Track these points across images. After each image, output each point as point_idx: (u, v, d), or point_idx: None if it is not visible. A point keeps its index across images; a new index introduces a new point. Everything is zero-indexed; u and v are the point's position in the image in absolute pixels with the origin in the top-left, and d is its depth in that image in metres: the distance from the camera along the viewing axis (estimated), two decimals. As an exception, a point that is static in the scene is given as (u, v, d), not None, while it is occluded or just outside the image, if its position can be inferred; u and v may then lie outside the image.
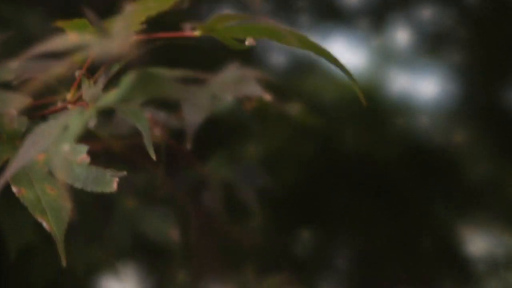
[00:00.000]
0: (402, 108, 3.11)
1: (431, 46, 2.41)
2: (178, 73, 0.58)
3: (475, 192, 2.40)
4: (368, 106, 2.07)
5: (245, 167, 0.69)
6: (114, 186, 0.47)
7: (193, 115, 0.58)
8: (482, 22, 2.08)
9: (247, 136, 1.33)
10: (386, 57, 3.21)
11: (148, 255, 1.13)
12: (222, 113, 0.65)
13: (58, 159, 0.37)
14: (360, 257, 1.70)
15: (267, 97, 0.62)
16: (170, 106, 0.63)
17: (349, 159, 2.02)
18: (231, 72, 0.64)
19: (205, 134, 0.62)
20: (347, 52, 3.17)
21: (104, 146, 0.57)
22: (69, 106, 0.46)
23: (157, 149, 0.56)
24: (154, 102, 0.61)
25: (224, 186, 0.65)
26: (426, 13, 2.26)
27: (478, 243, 2.06)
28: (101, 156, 0.52)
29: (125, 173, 0.46)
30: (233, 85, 0.60)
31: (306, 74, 2.06)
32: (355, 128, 2.16)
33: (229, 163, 0.69)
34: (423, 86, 3.00)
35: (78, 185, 0.45)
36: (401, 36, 2.58)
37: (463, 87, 2.55)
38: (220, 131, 1.26)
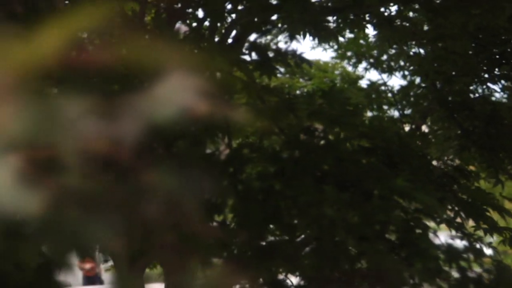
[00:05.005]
0: (371, 101, 3.18)
1: (398, 40, 2.46)
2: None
3: (441, 183, 2.47)
4: (338, 100, 2.11)
5: (189, 175, 0.72)
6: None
7: (131, 125, 0.61)
8: (439, 14, 2.14)
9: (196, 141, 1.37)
10: (356, 52, 3.27)
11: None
12: (164, 122, 0.68)
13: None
14: (325, 249, 1.75)
15: (203, 108, 0.65)
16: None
17: (317, 151, 2.06)
18: (172, 81, 0.67)
19: (150, 141, 0.66)
20: (318, 47, 3.21)
21: (48, 154, 0.59)
22: None
23: (101, 158, 0.61)
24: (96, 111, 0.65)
25: (167, 194, 0.69)
26: (392, 9, 2.32)
27: (440, 234, 2.13)
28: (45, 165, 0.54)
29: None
30: (172, 95, 0.64)
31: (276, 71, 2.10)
32: (325, 121, 2.20)
33: (174, 171, 0.72)
34: (392, 79, 3.05)
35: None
36: (370, 31, 2.64)
37: (429, 79, 2.61)
38: (166, 138, 1.30)
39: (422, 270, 1.80)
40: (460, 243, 1.88)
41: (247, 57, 2.13)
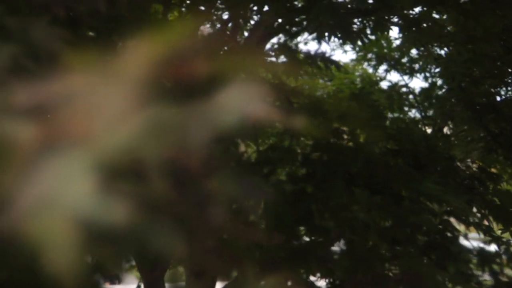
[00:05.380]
0: (392, 102, 3.16)
1: (421, 42, 2.44)
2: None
3: (468, 185, 2.44)
4: (367, 102, 2.10)
5: (249, 181, 0.72)
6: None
7: (198, 132, 0.61)
8: (470, 17, 2.12)
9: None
10: (379, 53, 3.25)
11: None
12: (227, 129, 0.68)
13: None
14: (357, 252, 1.74)
15: (274, 115, 0.64)
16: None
17: (346, 154, 2.05)
18: (236, 89, 0.67)
19: (211, 149, 0.65)
20: (341, 49, 3.19)
21: (110, 160, 0.58)
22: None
23: (164, 164, 0.60)
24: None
25: (230, 200, 0.68)
26: (417, 10, 2.29)
27: (470, 237, 2.11)
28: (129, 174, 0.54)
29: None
30: (237, 103, 0.63)
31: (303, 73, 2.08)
32: (354, 124, 2.19)
33: (235, 178, 0.72)
34: (414, 81, 3.04)
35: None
36: (392, 33, 2.62)
37: (456, 81, 2.59)
38: (225, 145, 1.29)
39: (455, 274, 1.78)
40: (489, 246, 1.86)
41: (272, 59, 2.12)
